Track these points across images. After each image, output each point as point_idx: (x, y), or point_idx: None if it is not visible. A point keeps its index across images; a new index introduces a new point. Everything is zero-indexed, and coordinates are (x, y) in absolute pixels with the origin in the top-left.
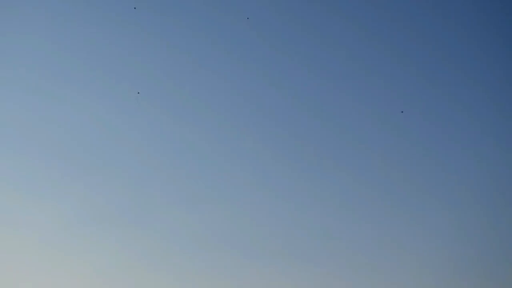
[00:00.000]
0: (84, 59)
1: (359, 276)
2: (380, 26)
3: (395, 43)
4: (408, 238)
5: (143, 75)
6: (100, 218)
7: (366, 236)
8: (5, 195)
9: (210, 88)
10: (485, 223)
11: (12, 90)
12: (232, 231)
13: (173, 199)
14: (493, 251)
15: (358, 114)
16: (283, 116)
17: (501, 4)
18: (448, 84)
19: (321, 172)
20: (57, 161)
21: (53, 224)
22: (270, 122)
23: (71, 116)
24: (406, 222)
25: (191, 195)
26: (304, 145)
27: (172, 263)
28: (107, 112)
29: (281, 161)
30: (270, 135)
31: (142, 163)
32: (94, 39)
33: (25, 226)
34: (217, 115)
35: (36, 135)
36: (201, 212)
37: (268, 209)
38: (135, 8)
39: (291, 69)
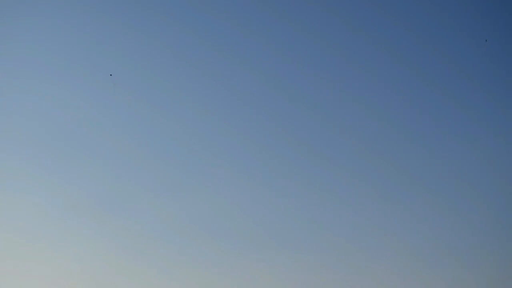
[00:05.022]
0: (54, 47)
1: (353, 268)
2: (377, 23)
3: (391, 40)
4: (402, 229)
5: (116, 60)
6: (79, 209)
7: (360, 228)
8: None
9: (193, 76)
10: (480, 217)
11: None
12: (215, 221)
13: (155, 189)
14: (486, 244)
15: (351, 108)
16: (269, 106)
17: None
18: (445, 80)
19: (311, 164)
20: (33, 152)
21: (32, 217)
22: (257, 111)
23: (45, 107)
24: (398, 214)
25: (173, 185)
26: (293, 136)
27: (155, 254)
28: (83, 101)
29: (270, 150)
30: (257, 124)
31: (122, 152)
32: (64, 23)
33: (2, 220)
34: (204, 103)
35: (10, 127)
36: (183, 202)
37: (256, 200)
38: None
39: (278, 60)
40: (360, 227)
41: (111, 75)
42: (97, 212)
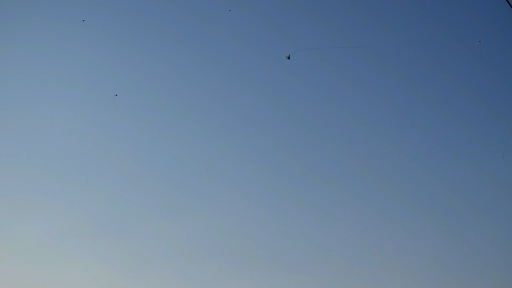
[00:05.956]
0: (55, 64)
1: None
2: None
3: (385, 52)
4: (397, 244)
5: (120, 80)
6: (79, 232)
7: (359, 249)
8: None
9: (192, 94)
10: (476, 228)
11: None
12: (217, 242)
13: (155, 210)
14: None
15: (350, 125)
16: (266, 122)
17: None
18: (437, 86)
19: (311, 184)
20: (32, 174)
21: (30, 240)
22: (254, 128)
23: (45, 126)
24: (394, 228)
25: (174, 206)
26: (288, 151)
27: (155, 276)
28: (83, 121)
29: (266, 169)
30: (254, 142)
31: (122, 174)
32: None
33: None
34: (201, 122)
35: (9, 146)
36: (184, 223)
37: (253, 218)
38: None
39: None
40: (360, 248)
41: (116, 95)
42: (96, 235)
